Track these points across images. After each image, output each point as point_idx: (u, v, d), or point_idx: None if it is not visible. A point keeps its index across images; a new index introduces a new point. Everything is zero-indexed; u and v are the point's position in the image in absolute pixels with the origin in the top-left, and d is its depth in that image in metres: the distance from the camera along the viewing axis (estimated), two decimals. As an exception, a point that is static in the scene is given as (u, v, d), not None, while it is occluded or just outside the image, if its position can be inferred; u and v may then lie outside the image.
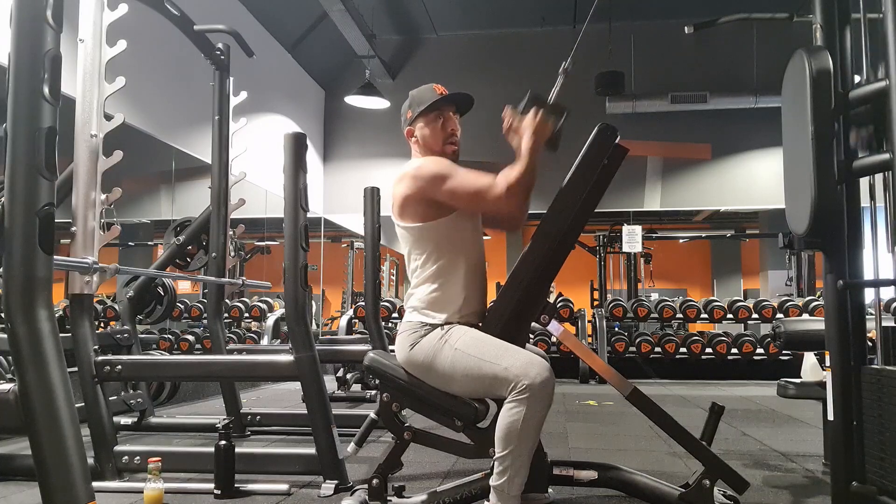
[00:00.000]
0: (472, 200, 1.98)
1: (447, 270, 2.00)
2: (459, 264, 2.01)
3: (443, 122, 2.09)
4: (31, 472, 1.82)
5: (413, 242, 2.04)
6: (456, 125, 2.12)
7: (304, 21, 7.66)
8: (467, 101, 2.15)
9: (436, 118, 2.09)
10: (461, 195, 1.97)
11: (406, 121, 2.14)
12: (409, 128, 2.14)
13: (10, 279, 1.48)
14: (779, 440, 3.61)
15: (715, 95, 7.70)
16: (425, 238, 2.01)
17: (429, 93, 2.10)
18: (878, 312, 2.04)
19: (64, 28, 1.57)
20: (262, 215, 7.57)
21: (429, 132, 2.09)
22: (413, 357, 1.97)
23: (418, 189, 1.98)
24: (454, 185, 1.95)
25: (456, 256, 2.01)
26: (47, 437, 1.47)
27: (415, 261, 2.05)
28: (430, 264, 2.01)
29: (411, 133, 2.14)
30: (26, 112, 1.51)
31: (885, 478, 1.81)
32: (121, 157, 2.72)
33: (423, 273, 2.02)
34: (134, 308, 3.93)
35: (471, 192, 1.96)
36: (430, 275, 2.01)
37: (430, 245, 2.01)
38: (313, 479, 2.62)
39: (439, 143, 2.09)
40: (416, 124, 2.11)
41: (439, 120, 2.09)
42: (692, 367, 7.11)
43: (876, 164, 1.85)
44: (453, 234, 2.02)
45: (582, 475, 2.14)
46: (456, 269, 2.00)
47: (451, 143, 2.10)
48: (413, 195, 1.99)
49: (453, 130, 2.11)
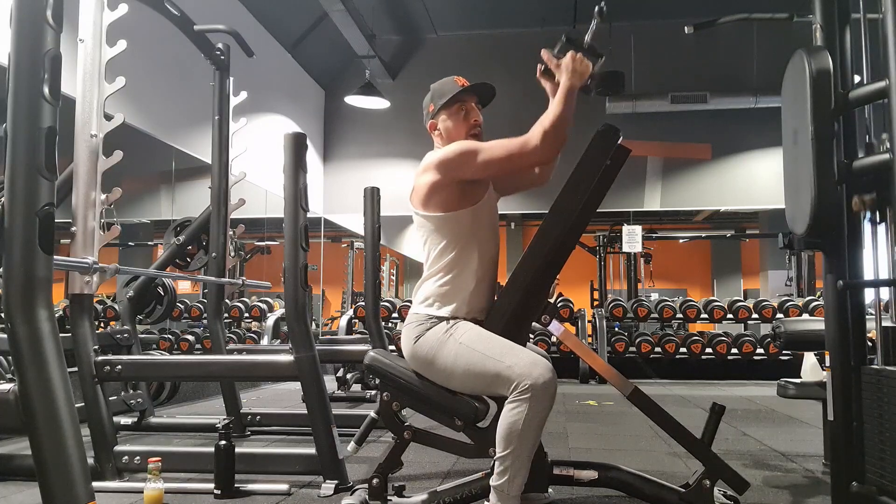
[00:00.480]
0: (508, 162, 1.95)
1: (462, 262, 2.00)
2: (474, 257, 2.01)
3: (465, 114, 2.09)
4: (31, 472, 1.82)
5: (432, 231, 2.03)
6: (479, 116, 2.12)
7: (304, 21, 7.66)
8: (489, 92, 2.14)
9: (458, 110, 2.08)
10: (496, 162, 1.95)
11: (428, 114, 2.13)
12: (431, 121, 2.13)
13: (10, 279, 1.48)
14: (779, 440, 3.61)
15: (715, 95, 7.69)
16: (446, 228, 2.00)
17: (450, 85, 2.09)
18: (878, 312, 2.04)
19: (64, 28, 1.57)
20: (262, 215, 7.57)
21: (451, 124, 2.08)
22: (417, 350, 1.96)
23: (449, 173, 1.96)
24: (486, 157, 1.94)
25: (472, 249, 2.01)
26: (47, 437, 1.47)
27: (432, 250, 2.04)
28: (447, 253, 2.00)
29: (434, 126, 2.13)
30: (26, 112, 1.51)
31: (885, 478, 1.81)
32: (121, 157, 2.72)
33: (438, 263, 2.02)
34: (134, 308, 3.93)
35: (505, 155, 1.93)
36: (445, 265, 2.00)
37: (449, 235, 2.00)
38: (313, 478, 2.62)
39: (462, 135, 2.08)
40: (439, 117, 2.10)
41: (461, 111, 2.08)
42: (692, 367, 7.11)
43: (876, 164, 1.85)
44: (472, 227, 2.02)
45: (582, 475, 2.14)
46: (470, 262, 2.00)
47: (474, 134, 2.09)
48: (441, 181, 1.97)
49: (476, 121, 2.10)
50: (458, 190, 1.99)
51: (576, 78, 1.91)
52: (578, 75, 1.91)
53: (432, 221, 2.02)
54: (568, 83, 1.90)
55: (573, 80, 1.90)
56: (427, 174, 2.00)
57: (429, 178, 2.00)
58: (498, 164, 1.95)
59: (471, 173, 1.97)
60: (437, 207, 2.00)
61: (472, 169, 1.95)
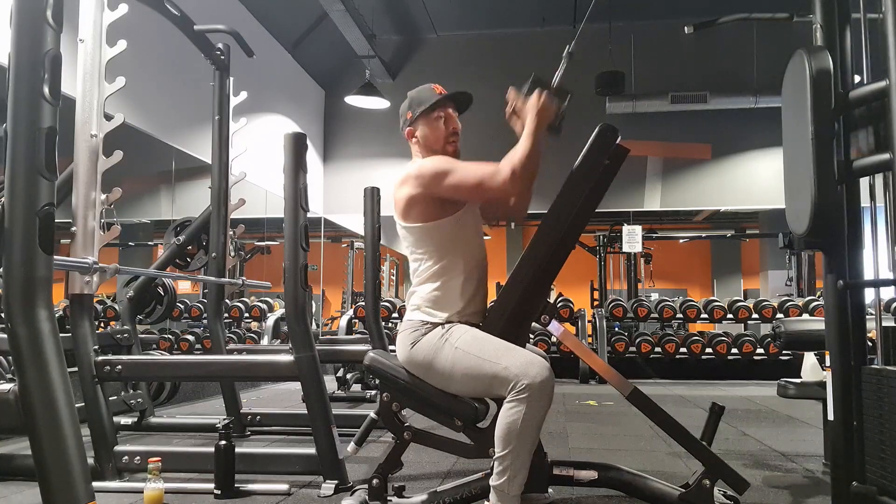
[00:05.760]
0: (476, 190, 1.97)
1: (449, 270, 2.00)
2: (461, 264, 2.01)
3: (444, 121, 2.09)
4: (31, 472, 1.82)
5: (415, 242, 2.04)
6: (457, 123, 2.12)
7: (304, 21, 7.66)
8: (467, 100, 2.15)
9: (436, 118, 2.09)
10: (465, 188, 1.96)
11: (406, 122, 2.14)
12: (409, 128, 2.14)
13: (10, 279, 1.48)
14: (779, 440, 3.61)
15: (715, 95, 7.70)
16: (428, 238, 2.01)
17: (428, 93, 2.10)
18: (878, 312, 2.04)
19: (64, 28, 1.57)
20: (262, 215, 7.58)
21: (430, 132, 2.09)
22: (413, 355, 1.97)
23: (422, 188, 1.97)
24: (457, 180, 1.95)
25: (458, 256, 2.01)
26: (47, 437, 1.47)
27: (417, 260, 2.05)
28: (433, 264, 2.01)
29: (412, 134, 2.13)
30: (26, 112, 1.51)
31: (885, 478, 1.81)
32: (121, 157, 2.71)
33: (426, 273, 2.02)
34: (134, 308, 3.93)
35: (474, 182, 1.95)
36: (432, 274, 2.01)
37: (432, 245, 2.01)
38: (313, 479, 2.62)
39: (440, 143, 2.09)
40: (417, 125, 2.11)
41: (440, 119, 2.09)
42: (692, 367, 7.11)
43: (876, 164, 1.85)
44: (456, 234, 2.02)
45: (582, 475, 2.14)
46: (458, 269, 2.01)
47: (452, 142, 2.10)
48: (417, 195, 1.98)
49: (454, 129, 2.11)
50: (436, 201, 1.99)
51: (542, 117, 1.92)
52: (544, 114, 1.93)
53: (414, 232, 2.03)
54: (534, 122, 1.91)
55: (539, 119, 1.92)
56: (405, 186, 2.01)
57: (406, 192, 2.01)
58: (468, 189, 1.97)
59: (442, 192, 1.98)
60: (417, 218, 2.01)
61: (442, 188, 1.97)
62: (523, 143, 1.91)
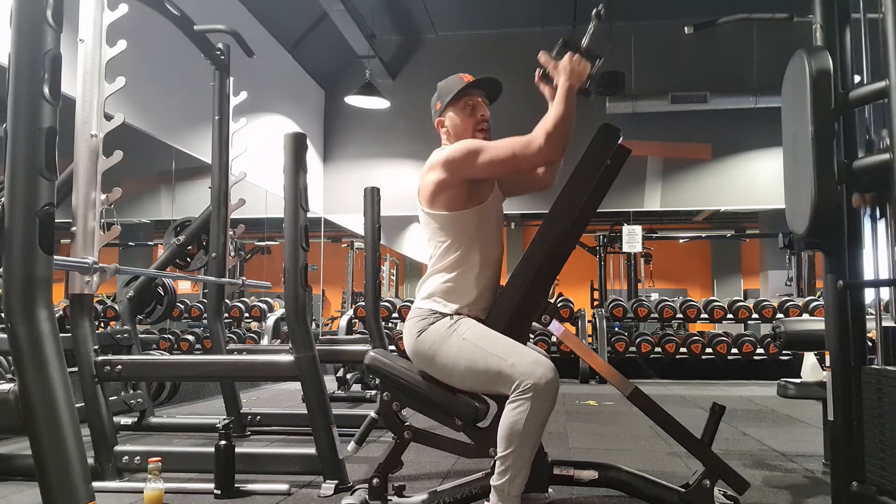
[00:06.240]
0: (512, 162, 1.95)
1: (465, 261, 2.00)
2: (478, 256, 2.01)
3: (472, 109, 2.09)
4: (31, 472, 1.82)
5: (437, 230, 2.03)
6: (486, 111, 2.12)
7: (304, 21, 7.66)
8: (496, 87, 2.15)
9: (464, 105, 2.09)
10: (499, 161, 1.94)
11: (436, 112, 2.14)
12: (439, 118, 2.14)
13: (10, 279, 1.48)
14: (779, 440, 3.61)
15: (715, 95, 7.69)
16: (451, 227, 2.01)
17: (455, 82, 2.10)
18: (878, 312, 2.04)
19: (64, 28, 1.57)
20: (262, 215, 7.57)
21: (459, 120, 2.09)
22: (419, 343, 1.96)
23: (453, 172, 1.97)
24: (490, 156, 1.94)
25: (476, 249, 2.01)
26: (47, 437, 1.47)
27: (436, 248, 2.04)
28: (451, 253, 2.01)
29: (441, 124, 2.13)
30: (26, 112, 1.51)
31: (885, 478, 1.81)
32: (121, 157, 2.72)
33: (442, 261, 2.02)
34: (134, 308, 3.93)
35: (508, 154, 1.93)
36: (449, 264, 2.01)
37: (453, 234, 2.01)
38: (313, 479, 2.62)
39: (469, 130, 2.08)
40: (446, 114, 2.11)
41: (468, 107, 2.09)
42: (692, 367, 7.11)
43: (876, 164, 1.85)
44: (478, 226, 2.02)
45: (582, 475, 2.14)
46: (474, 261, 2.01)
47: (481, 129, 2.09)
48: (447, 179, 1.98)
49: (483, 116, 2.10)
50: (464, 189, 1.99)
51: (574, 78, 1.91)
52: (577, 76, 1.91)
53: (437, 220, 2.02)
54: (566, 84, 1.90)
55: (571, 81, 1.90)
56: (433, 172, 2.00)
57: (434, 177, 2.00)
58: (502, 163, 1.95)
59: (475, 172, 1.97)
60: (442, 206, 2.01)
61: (476, 168, 1.95)
62: (557, 107, 1.89)
